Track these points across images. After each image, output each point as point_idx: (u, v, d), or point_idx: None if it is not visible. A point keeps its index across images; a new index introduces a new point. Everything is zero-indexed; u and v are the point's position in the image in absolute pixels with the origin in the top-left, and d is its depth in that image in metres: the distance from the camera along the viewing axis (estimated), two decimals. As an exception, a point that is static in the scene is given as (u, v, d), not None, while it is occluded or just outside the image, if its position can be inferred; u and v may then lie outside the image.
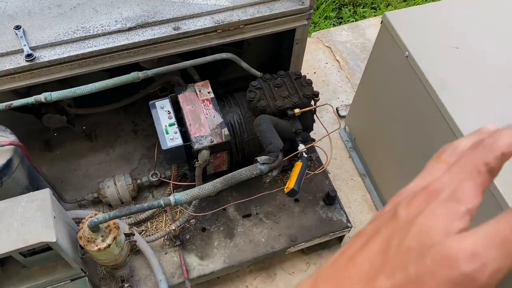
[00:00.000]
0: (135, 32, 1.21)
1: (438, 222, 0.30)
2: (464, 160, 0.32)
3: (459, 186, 0.31)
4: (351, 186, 1.73)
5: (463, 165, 0.32)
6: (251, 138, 1.33)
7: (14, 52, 1.14)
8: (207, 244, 1.38)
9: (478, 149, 0.32)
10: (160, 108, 1.27)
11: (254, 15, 1.26)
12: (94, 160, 1.54)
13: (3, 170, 1.10)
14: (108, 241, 1.07)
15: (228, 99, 1.38)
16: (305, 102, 1.30)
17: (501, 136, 0.32)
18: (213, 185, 1.14)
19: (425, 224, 0.30)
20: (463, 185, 0.31)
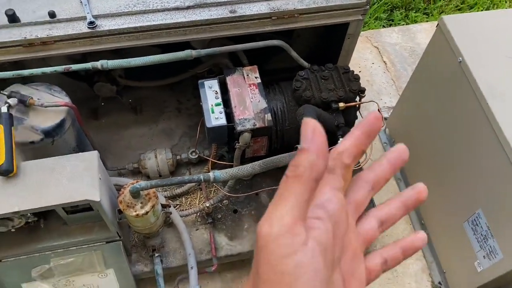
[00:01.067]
0: (192, 11, 1.24)
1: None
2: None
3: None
4: (385, 188, 1.69)
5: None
6: (292, 127, 1.34)
7: (77, 18, 1.19)
8: (237, 225, 1.41)
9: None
10: (208, 87, 1.30)
11: (310, 5, 1.27)
12: (137, 133, 1.59)
13: (56, 129, 1.16)
14: (146, 208, 1.11)
15: (273, 87, 1.39)
16: (350, 97, 1.30)
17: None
18: (251, 167, 1.16)
19: None
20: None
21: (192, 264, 1.26)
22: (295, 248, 0.29)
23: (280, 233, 0.29)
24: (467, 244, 1.32)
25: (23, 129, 1.13)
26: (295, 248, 0.29)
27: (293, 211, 0.30)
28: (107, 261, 1.24)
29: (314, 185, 0.31)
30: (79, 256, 1.20)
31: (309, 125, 0.33)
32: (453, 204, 1.40)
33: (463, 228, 1.33)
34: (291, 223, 0.30)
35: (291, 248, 0.29)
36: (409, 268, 1.55)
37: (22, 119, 1.15)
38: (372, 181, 0.38)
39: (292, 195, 0.31)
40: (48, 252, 1.19)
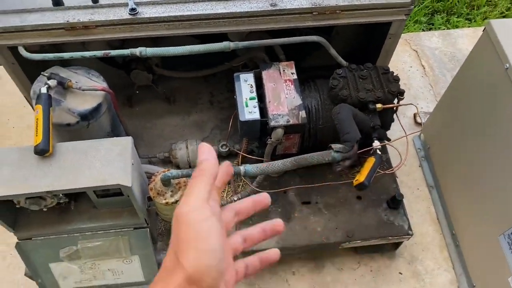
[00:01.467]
0: (233, 2, 1.23)
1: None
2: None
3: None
4: (416, 195, 1.67)
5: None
6: (325, 126, 1.32)
7: (119, 5, 1.20)
8: (262, 220, 1.39)
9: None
10: (243, 81, 1.29)
11: (353, 2, 1.24)
12: (170, 122, 1.60)
13: (92, 113, 1.17)
14: (176, 197, 1.11)
15: (309, 84, 1.37)
16: (389, 98, 1.27)
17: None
18: (283, 163, 1.14)
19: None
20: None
21: (216, 257, 1.25)
22: (207, 216, 0.44)
23: (196, 207, 0.44)
24: (501, 258, 1.27)
25: (60, 110, 1.15)
26: (207, 216, 0.44)
27: (202, 196, 0.45)
28: (133, 247, 1.25)
29: (213, 181, 0.47)
30: (106, 240, 1.22)
31: (205, 147, 0.50)
32: (488, 216, 1.35)
33: (498, 242, 1.28)
34: (202, 202, 0.45)
35: (204, 215, 0.44)
36: (436, 279, 1.51)
37: (60, 101, 1.17)
38: (236, 210, 0.56)
39: (201, 186, 0.46)
40: (76, 234, 1.20)
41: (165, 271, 0.44)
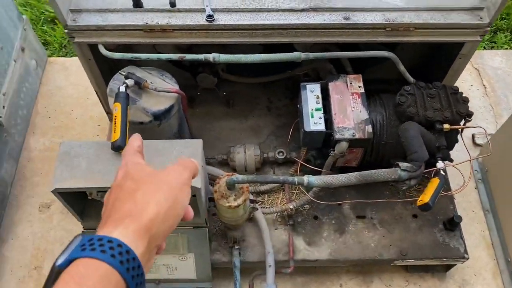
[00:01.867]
0: (306, 14, 1.24)
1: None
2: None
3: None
4: (471, 218, 1.63)
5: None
6: (388, 141, 1.31)
7: (196, 10, 1.24)
8: (316, 232, 1.40)
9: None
10: (310, 91, 1.30)
11: (427, 20, 1.23)
12: (228, 125, 1.63)
13: (165, 113, 1.21)
14: (239, 201, 1.13)
15: (374, 98, 1.37)
16: (456, 119, 1.25)
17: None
18: (347, 178, 1.15)
19: None
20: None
21: (270, 263, 1.27)
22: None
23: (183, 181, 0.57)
24: None
25: (135, 109, 1.20)
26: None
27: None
28: (190, 246, 1.28)
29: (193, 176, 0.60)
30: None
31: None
32: (551, 248, 1.31)
33: (561, 275, 1.24)
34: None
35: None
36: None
37: (135, 100, 1.21)
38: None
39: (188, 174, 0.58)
40: (138, 228, 1.24)
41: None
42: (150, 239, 0.47)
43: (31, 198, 1.69)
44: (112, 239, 0.44)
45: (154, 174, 0.54)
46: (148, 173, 0.54)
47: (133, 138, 0.62)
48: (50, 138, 1.82)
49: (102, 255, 0.42)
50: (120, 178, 0.54)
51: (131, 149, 0.60)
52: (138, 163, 0.57)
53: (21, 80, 1.79)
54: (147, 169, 0.56)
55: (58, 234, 1.61)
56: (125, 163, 0.57)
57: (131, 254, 0.44)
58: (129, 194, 0.51)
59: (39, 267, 1.55)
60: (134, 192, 0.50)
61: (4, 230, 1.61)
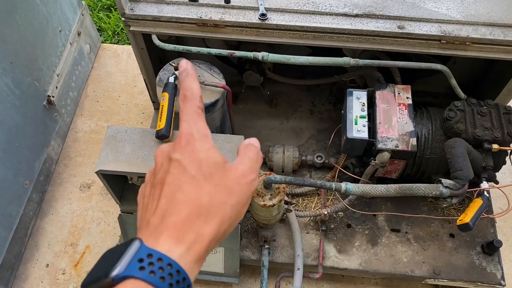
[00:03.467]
0: (359, 20, 1.23)
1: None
2: (185, 114, 0.48)
3: (196, 126, 0.47)
4: (511, 244, 1.57)
5: (187, 116, 0.48)
6: (432, 157, 1.28)
7: (250, 8, 1.25)
8: (348, 240, 1.38)
9: (186, 101, 0.49)
10: (356, 98, 1.29)
11: (485, 35, 1.19)
12: (268, 125, 1.64)
13: (210, 107, 1.23)
14: (274, 201, 1.13)
15: (421, 111, 1.34)
16: (507, 140, 1.20)
17: (190, 87, 0.50)
18: (386, 189, 1.13)
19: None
20: (198, 124, 0.47)
21: (299, 266, 1.27)
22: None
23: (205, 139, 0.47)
24: None
25: (181, 100, 1.22)
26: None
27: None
28: (221, 240, 1.29)
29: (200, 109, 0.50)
30: (199, 228, 1.27)
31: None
32: None
33: None
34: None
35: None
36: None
37: (182, 91, 1.23)
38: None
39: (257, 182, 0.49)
40: (173, 216, 1.27)
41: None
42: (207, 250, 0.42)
43: (73, 177, 1.75)
44: (172, 263, 0.39)
45: (225, 173, 0.45)
46: (218, 167, 0.45)
47: (190, 79, 0.49)
48: (96, 121, 1.89)
49: (160, 284, 0.38)
50: (181, 150, 0.44)
51: (194, 104, 0.48)
52: (206, 140, 0.46)
53: (75, 63, 1.87)
54: (218, 158, 0.46)
55: (96, 215, 1.67)
56: (190, 131, 0.46)
57: (187, 282, 0.40)
58: (194, 189, 0.42)
59: (74, 244, 1.61)
60: (201, 191, 0.42)
61: (46, 205, 1.69)
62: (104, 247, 1.60)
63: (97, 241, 1.61)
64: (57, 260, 1.58)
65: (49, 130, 1.69)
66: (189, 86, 0.50)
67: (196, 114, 0.48)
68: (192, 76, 0.51)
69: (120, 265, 0.38)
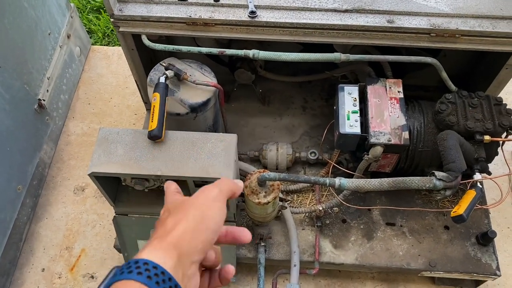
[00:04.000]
0: (349, 15, 1.23)
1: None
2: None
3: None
4: (506, 234, 1.58)
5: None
6: (424, 150, 1.28)
7: (240, 6, 1.25)
8: (344, 236, 1.39)
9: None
10: (347, 93, 1.29)
11: (474, 27, 1.20)
12: (262, 122, 1.64)
13: (201, 106, 1.23)
14: (269, 198, 1.13)
15: (413, 104, 1.34)
16: (498, 131, 1.21)
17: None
18: (380, 183, 1.13)
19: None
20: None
21: (295, 262, 1.27)
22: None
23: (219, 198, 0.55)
24: None
25: (173, 100, 1.22)
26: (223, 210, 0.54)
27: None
28: (217, 239, 1.29)
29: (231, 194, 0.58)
30: (194, 227, 1.27)
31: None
32: None
33: None
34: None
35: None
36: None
37: (174, 91, 1.23)
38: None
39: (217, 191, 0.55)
40: (168, 217, 1.26)
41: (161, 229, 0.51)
42: (181, 255, 0.48)
43: (67, 181, 1.75)
44: (148, 261, 0.45)
45: (185, 199, 0.55)
46: (181, 201, 0.55)
47: (168, 183, 0.62)
48: (88, 124, 1.88)
49: (139, 277, 0.44)
50: (160, 214, 0.57)
51: (169, 191, 0.61)
52: (175, 198, 0.58)
53: (65, 65, 1.85)
54: (181, 198, 0.57)
55: (90, 218, 1.66)
56: (165, 202, 0.59)
57: (167, 275, 0.45)
58: (162, 222, 0.52)
59: (70, 248, 1.60)
60: (166, 219, 0.52)
61: (40, 209, 1.68)
62: (99, 250, 1.59)
63: (92, 244, 1.61)
64: (53, 264, 1.57)
65: (41, 134, 1.68)
66: (168, 186, 0.61)
67: (172, 195, 0.59)
68: (169, 182, 0.62)
69: (103, 283, 0.45)
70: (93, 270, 1.55)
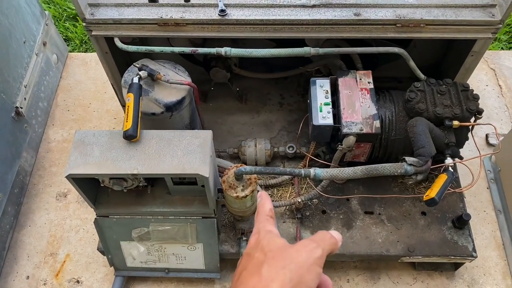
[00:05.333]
0: (317, 10, 1.26)
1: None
2: (258, 221, 0.61)
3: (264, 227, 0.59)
4: (482, 218, 1.62)
5: (259, 224, 0.60)
6: (397, 137, 1.32)
7: (210, 5, 1.27)
8: (324, 226, 1.41)
9: (259, 214, 0.62)
10: (319, 86, 1.32)
11: (438, 17, 1.23)
12: (240, 120, 1.66)
13: (176, 105, 1.25)
14: (246, 192, 1.15)
15: (384, 94, 1.37)
16: (466, 116, 1.25)
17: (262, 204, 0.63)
18: (353, 171, 1.16)
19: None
20: (266, 226, 0.59)
21: (277, 255, 1.29)
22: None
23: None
24: None
25: (147, 100, 1.23)
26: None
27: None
28: (199, 235, 1.31)
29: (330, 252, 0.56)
30: (175, 225, 1.29)
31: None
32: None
33: None
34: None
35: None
36: (497, 306, 1.46)
37: (148, 91, 1.25)
38: None
39: (320, 252, 0.53)
40: (149, 216, 1.28)
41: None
42: None
43: (49, 187, 1.75)
44: None
45: (284, 248, 0.52)
46: (279, 247, 0.52)
47: (264, 200, 0.61)
48: (68, 130, 1.88)
49: None
50: (251, 246, 0.55)
51: (263, 214, 0.59)
52: (270, 232, 0.56)
53: (42, 73, 1.86)
54: (279, 242, 0.54)
55: (74, 223, 1.66)
56: (258, 230, 0.57)
57: None
58: (256, 267, 0.50)
59: (54, 254, 1.60)
60: (261, 265, 0.50)
61: (22, 217, 1.67)
62: (84, 254, 1.60)
63: (77, 248, 1.61)
64: (38, 271, 1.57)
65: (20, 142, 1.68)
66: (262, 204, 0.62)
67: (265, 220, 0.59)
68: (266, 198, 0.63)
69: None
70: (78, 274, 1.55)
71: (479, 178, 1.70)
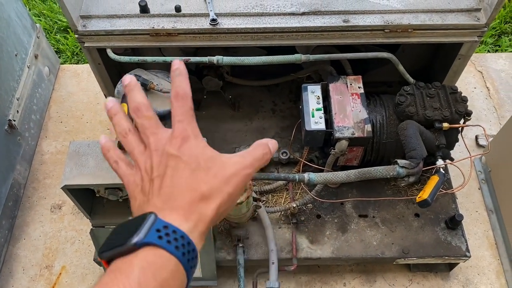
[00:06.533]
0: (307, 17, 1.28)
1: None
2: (179, 113, 0.56)
3: (190, 126, 0.56)
4: (474, 218, 1.64)
5: (181, 117, 0.55)
6: (389, 141, 1.34)
7: (201, 15, 1.28)
8: (319, 230, 1.42)
9: (179, 100, 0.55)
10: (311, 92, 1.34)
11: (425, 21, 1.26)
12: (233, 128, 1.67)
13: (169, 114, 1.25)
14: (242, 198, 1.16)
15: (374, 99, 1.40)
16: (455, 118, 1.27)
17: (182, 86, 0.55)
18: (346, 175, 1.18)
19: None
20: (191, 124, 0.57)
21: (273, 260, 1.30)
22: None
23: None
24: None
25: (141, 110, 1.24)
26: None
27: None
28: (195, 243, 1.31)
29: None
30: (171, 234, 1.29)
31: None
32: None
33: None
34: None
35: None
36: (492, 305, 1.48)
37: (142, 101, 1.25)
38: None
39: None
40: (145, 225, 1.28)
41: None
42: (199, 222, 0.47)
43: (43, 200, 1.74)
44: (184, 235, 0.45)
45: (222, 164, 0.52)
46: (216, 161, 0.52)
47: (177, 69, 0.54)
48: (61, 142, 1.88)
49: (176, 252, 0.43)
50: (181, 150, 0.51)
51: (187, 104, 0.54)
52: (200, 139, 0.53)
53: (34, 85, 1.86)
54: (213, 153, 0.53)
55: (69, 234, 1.66)
56: (185, 131, 0.53)
57: (195, 253, 0.45)
58: (195, 180, 0.49)
59: (50, 266, 1.59)
60: (201, 181, 0.49)
61: (17, 230, 1.67)
62: (80, 266, 1.59)
63: (72, 260, 1.60)
64: (33, 284, 1.56)
65: (13, 155, 1.68)
66: (181, 85, 0.54)
67: (189, 115, 0.54)
68: (184, 76, 0.54)
69: (140, 233, 0.43)
70: (74, 286, 1.55)
71: (470, 178, 1.71)
